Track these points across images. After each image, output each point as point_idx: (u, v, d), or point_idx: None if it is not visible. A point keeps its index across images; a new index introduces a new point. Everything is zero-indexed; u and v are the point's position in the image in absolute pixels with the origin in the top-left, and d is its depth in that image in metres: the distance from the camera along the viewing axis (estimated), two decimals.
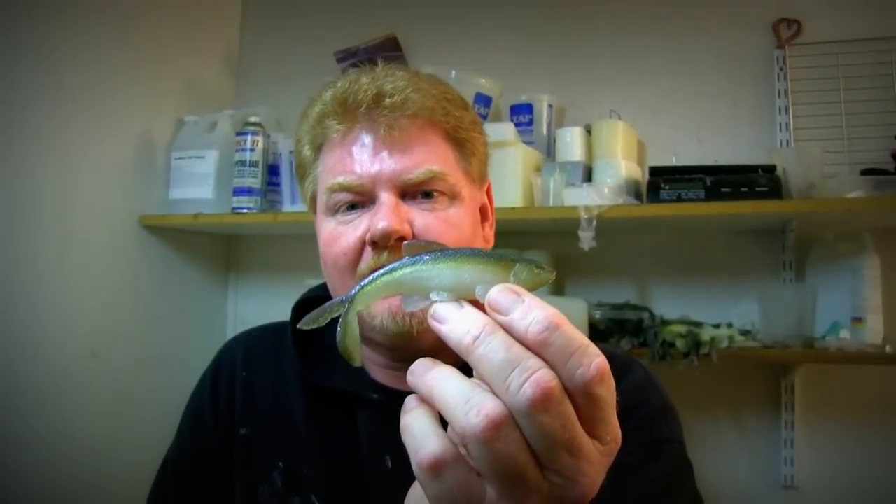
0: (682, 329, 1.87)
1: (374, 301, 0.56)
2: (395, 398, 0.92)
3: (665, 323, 1.93)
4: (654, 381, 0.99)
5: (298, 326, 0.58)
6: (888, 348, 1.76)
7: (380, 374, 0.98)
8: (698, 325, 1.90)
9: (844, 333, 1.82)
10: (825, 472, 1.96)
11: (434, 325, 0.50)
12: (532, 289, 0.50)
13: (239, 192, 2.11)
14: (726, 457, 2.02)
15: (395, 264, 0.53)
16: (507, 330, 0.46)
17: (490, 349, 0.46)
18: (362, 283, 0.54)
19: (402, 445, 0.88)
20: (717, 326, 1.90)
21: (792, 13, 2.07)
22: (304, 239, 2.35)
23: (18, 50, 1.77)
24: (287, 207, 2.15)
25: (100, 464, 1.92)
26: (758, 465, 2.01)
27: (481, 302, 0.49)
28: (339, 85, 0.93)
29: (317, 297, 1.06)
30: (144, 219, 2.15)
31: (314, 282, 1.13)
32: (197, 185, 2.16)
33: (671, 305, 2.05)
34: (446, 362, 0.50)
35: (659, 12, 2.21)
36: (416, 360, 0.90)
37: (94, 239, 1.99)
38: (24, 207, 1.79)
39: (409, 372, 0.51)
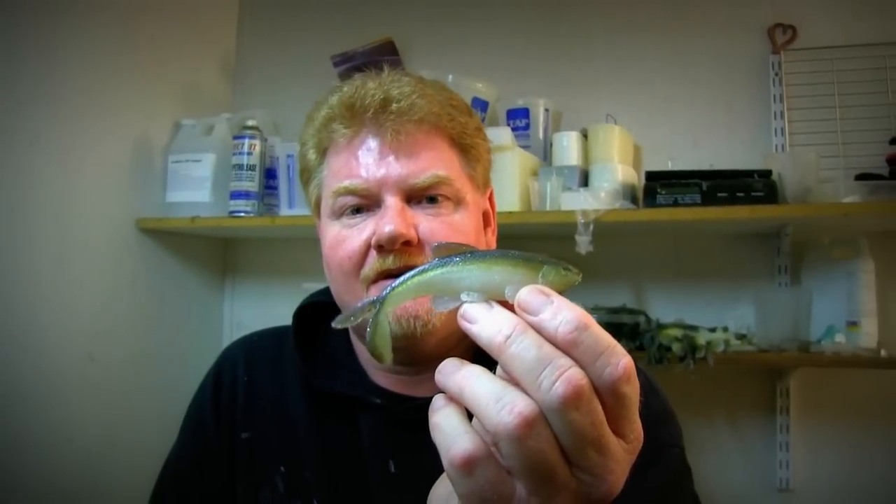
0: (678, 333, 1.88)
1: (405, 302, 0.56)
2: (397, 403, 0.94)
3: (661, 327, 1.94)
4: (655, 387, 1.00)
5: (333, 325, 0.58)
6: (883, 352, 1.77)
7: (382, 378, 0.98)
8: (694, 328, 1.91)
9: (840, 337, 1.83)
10: (820, 475, 1.97)
11: (464, 325, 0.50)
12: (560, 289, 0.51)
13: (236, 195, 2.11)
14: (722, 460, 2.03)
15: (426, 266, 0.54)
16: (537, 330, 0.47)
17: (522, 348, 0.46)
18: (393, 285, 0.55)
19: (406, 449, 0.89)
20: (713, 330, 1.91)
21: (787, 18, 2.08)
22: (301, 242, 2.36)
23: (17, 53, 1.77)
24: (284, 211, 2.15)
25: (97, 466, 1.92)
26: (753, 469, 2.02)
27: (511, 302, 0.50)
28: (345, 89, 0.93)
29: (319, 301, 1.06)
30: (141, 222, 2.15)
31: (311, 285, 1.13)
32: (194, 188, 2.16)
33: (667, 309, 2.05)
34: None
35: (655, 17, 2.22)
36: (418, 363, 0.91)
37: (92, 241, 2.00)
38: (22, 210, 1.79)
39: (437, 371, 0.51)
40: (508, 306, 0.50)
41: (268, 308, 2.38)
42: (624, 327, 1.94)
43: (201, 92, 2.45)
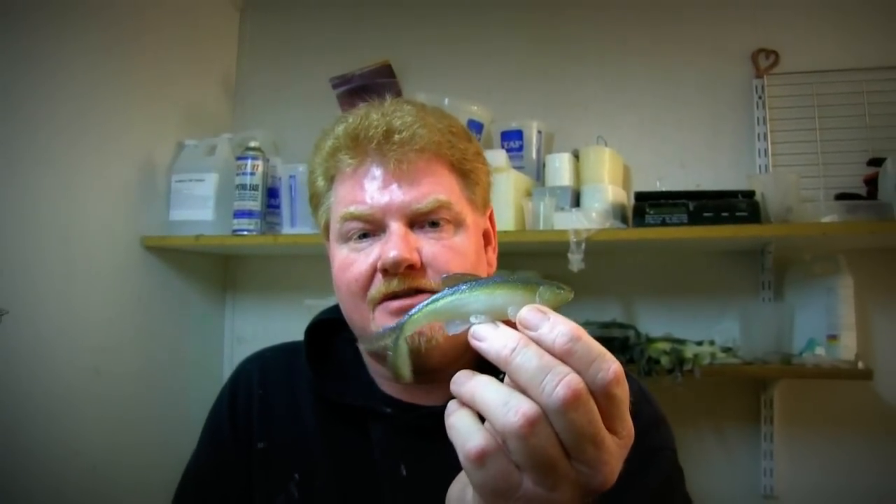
0: (666, 346, 1.94)
1: (421, 327, 0.64)
2: (406, 411, 1.00)
3: (650, 340, 1.99)
4: (647, 395, 1.06)
5: (360, 346, 0.66)
6: (861, 364, 1.83)
7: (391, 388, 1.04)
8: (682, 342, 1.97)
9: (820, 350, 1.89)
10: (803, 482, 2.03)
11: (475, 343, 0.58)
12: (554, 307, 0.58)
13: (239, 214, 2.16)
14: (708, 468, 2.09)
15: (437, 295, 0.61)
16: (537, 343, 0.55)
17: (525, 359, 0.54)
18: (410, 313, 0.63)
19: (416, 454, 0.96)
20: (699, 344, 1.97)
21: (770, 44, 2.15)
22: (301, 259, 2.41)
23: (22, 74, 1.80)
24: (286, 229, 2.20)
25: (103, 477, 1.96)
26: (738, 476, 2.07)
27: (513, 321, 0.57)
28: (350, 120, 0.98)
29: (328, 319, 1.11)
30: (146, 240, 2.19)
31: (313, 302, 1.17)
32: (197, 207, 2.21)
33: (656, 324, 2.12)
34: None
35: (644, 43, 2.28)
36: (425, 374, 0.98)
37: (97, 259, 2.03)
38: (29, 228, 1.83)
39: (452, 381, 0.58)
40: (512, 325, 0.57)
41: (268, 324, 2.43)
42: (614, 341, 1.98)
43: (203, 112, 2.50)
